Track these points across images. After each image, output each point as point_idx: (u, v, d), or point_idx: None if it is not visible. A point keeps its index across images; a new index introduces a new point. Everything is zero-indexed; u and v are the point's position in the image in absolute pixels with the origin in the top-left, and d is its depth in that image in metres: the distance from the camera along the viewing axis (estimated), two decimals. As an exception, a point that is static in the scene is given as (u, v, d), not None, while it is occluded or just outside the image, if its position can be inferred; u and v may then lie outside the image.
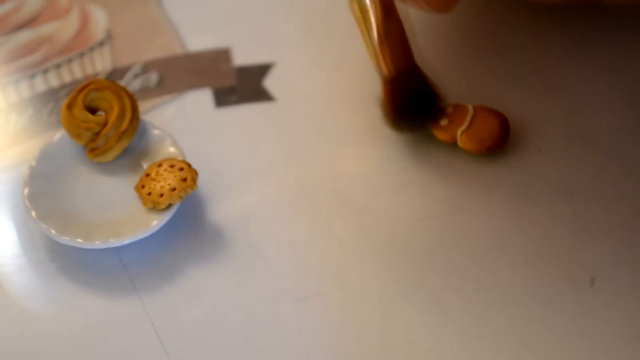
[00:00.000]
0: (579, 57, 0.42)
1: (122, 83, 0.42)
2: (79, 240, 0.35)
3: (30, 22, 0.45)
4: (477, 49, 0.42)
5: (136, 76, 0.43)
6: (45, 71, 0.43)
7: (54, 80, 0.43)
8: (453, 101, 0.39)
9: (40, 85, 0.43)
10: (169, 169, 0.36)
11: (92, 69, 0.43)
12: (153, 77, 0.42)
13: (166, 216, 0.36)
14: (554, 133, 0.39)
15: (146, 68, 0.43)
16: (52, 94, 0.42)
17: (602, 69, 0.41)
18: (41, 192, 0.37)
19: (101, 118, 0.38)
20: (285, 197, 0.38)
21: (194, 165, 0.37)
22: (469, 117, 0.38)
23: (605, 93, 0.40)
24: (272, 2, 0.45)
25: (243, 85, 0.42)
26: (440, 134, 0.38)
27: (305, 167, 0.39)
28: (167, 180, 0.36)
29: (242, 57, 0.43)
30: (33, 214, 0.36)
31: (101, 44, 0.44)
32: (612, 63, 0.42)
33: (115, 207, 0.37)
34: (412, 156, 0.39)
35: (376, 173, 0.38)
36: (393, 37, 0.36)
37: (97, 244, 0.35)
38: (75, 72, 0.43)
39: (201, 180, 0.37)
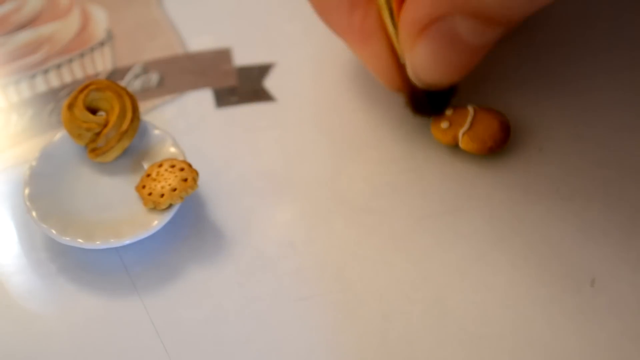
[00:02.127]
0: (579, 56, 0.42)
1: (123, 83, 0.42)
2: (80, 240, 0.35)
3: (30, 23, 0.45)
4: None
5: (137, 76, 0.43)
6: (46, 71, 0.43)
7: (54, 81, 0.43)
8: (453, 102, 0.39)
9: (40, 85, 0.43)
10: (170, 169, 0.36)
11: (92, 69, 0.43)
12: (153, 77, 0.43)
13: (167, 216, 0.36)
14: (554, 133, 0.39)
15: (147, 68, 0.43)
16: (52, 94, 0.42)
17: (603, 68, 0.41)
18: (42, 193, 0.37)
19: (102, 118, 0.38)
20: (286, 198, 0.38)
21: (195, 166, 0.37)
22: (469, 119, 0.38)
23: (605, 93, 0.41)
24: (272, 2, 0.45)
25: (243, 86, 0.42)
26: (441, 137, 0.38)
27: (305, 167, 0.39)
28: (168, 180, 0.36)
29: (243, 57, 0.43)
30: (34, 214, 0.36)
31: (102, 44, 0.44)
32: (612, 63, 0.42)
33: (116, 208, 0.37)
34: (412, 156, 0.39)
35: (377, 173, 0.38)
36: None
37: (98, 244, 0.35)
38: (76, 72, 0.43)
39: (202, 180, 0.37)
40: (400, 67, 0.36)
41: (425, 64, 0.34)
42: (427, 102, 0.38)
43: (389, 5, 0.35)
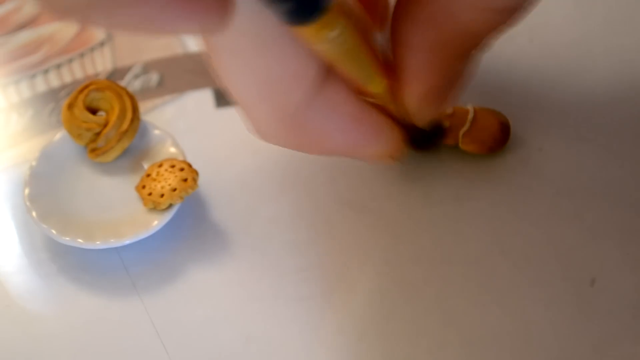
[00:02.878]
0: (579, 56, 0.42)
1: (123, 83, 0.42)
2: (80, 240, 0.35)
3: (30, 23, 0.45)
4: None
5: (137, 76, 0.43)
6: (46, 71, 0.43)
7: (54, 81, 0.43)
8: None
9: (40, 85, 0.43)
10: (170, 169, 0.36)
11: (92, 69, 0.43)
12: (153, 78, 0.43)
13: (167, 216, 0.36)
14: (554, 133, 0.39)
15: (147, 68, 0.43)
16: (52, 94, 0.42)
17: (603, 68, 0.41)
18: (42, 193, 0.37)
19: (102, 118, 0.38)
20: (286, 198, 0.38)
21: (195, 166, 0.37)
22: (469, 119, 0.38)
23: (605, 93, 0.41)
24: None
25: (243, 86, 0.42)
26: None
27: (305, 167, 0.39)
28: (168, 180, 0.36)
29: (243, 57, 0.43)
30: (34, 214, 0.36)
31: (102, 44, 0.44)
32: (612, 62, 0.42)
33: (116, 208, 0.37)
34: (412, 156, 0.39)
35: (376, 173, 0.38)
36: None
37: (98, 244, 0.35)
38: (76, 72, 0.43)
39: (202, 180, 0.37)
40: (403, 129, 0.34)
41: (434, 111, 0.33)
42: (429, 136, 0.38)
43: (387, 92, 0.32)
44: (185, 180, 0.36)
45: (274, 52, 0.28)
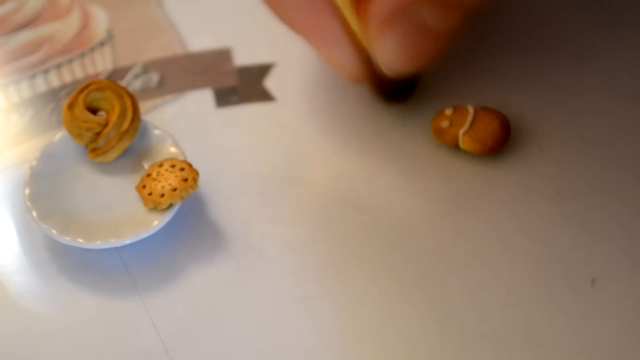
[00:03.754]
0: (579, 56, 0.42)
1: (123, 83, 0.42)
2: (80, 240, 0.35)
3: (31, 22, 0.45)
4: (477, 49, 0.42)
5: (137, 76, 0.43)
6: (46, 71, 0.43)
7: (54, 81, 0.43)
8: (453, 102, 0.39)
9: (41, 85, 0.43)
10: (170, 169, 0.36)
11: (93, 69, 0.43)
12: (154, 77, 0.43)
13: (167, 216, 0.36)
14: (554, 133, 0.39)
15: (147, 68, 0.43)
16: (53, 94, 0.42)
17: (603, 68, 0.41)
18: (42, 192, 0.37)
19: (102, 118, 0.38)
20: (286, 197, 0.38)
21: (195, 166, 0.37)
22: (469, 118, 0.38)
23: (605, 92, 0.41)
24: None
25: (244, 86, 0.42)
26: (441, 137, 0.38)
27: (305, 167, 0.39)
28: (168, 180, 0.36)
29: (243, 57, 0.43)
30: (34, 214, 0.36)
31: (102, 44, 0.44)
32: (612, 62, 0.42)
33: (116, 207, 0.37)
34: (413, 156, 0.39)
35: (377, 173, 0.38)
36: None
37: (98, 244, 0.35)
38: (76, 72, 0.43)
39: (202, 180, 0.37)
40: (366, 60, 0.36)
41: (394, 52, 0.35)
42: (396, 90, 0.39)
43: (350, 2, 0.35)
44: (186, 180, 0.36)
45: None
